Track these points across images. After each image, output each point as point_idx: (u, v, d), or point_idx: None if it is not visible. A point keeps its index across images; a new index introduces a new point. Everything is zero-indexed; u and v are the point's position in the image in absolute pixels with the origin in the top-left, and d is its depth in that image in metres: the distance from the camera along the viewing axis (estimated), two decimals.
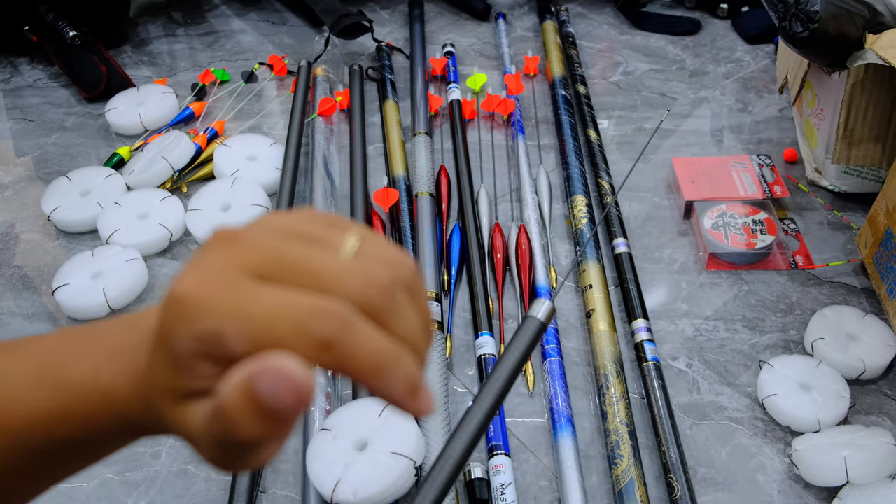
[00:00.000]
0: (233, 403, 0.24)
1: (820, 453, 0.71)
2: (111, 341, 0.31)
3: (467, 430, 0.44)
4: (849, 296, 0.90)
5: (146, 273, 0.94)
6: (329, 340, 0.25)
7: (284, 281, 0.26)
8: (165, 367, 0.26)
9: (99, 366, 0.30)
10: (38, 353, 0.32)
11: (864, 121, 0.94)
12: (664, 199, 1.04)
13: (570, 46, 1.30)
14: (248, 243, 0.26)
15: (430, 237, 0.94)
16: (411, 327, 0.28)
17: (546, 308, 0.43)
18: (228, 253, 0.26)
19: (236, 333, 0.25)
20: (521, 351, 0.44)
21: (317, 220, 0.29)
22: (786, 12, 0.88)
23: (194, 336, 0.25)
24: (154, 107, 1.18)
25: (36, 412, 0.30)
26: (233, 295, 0.25)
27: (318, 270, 0.26)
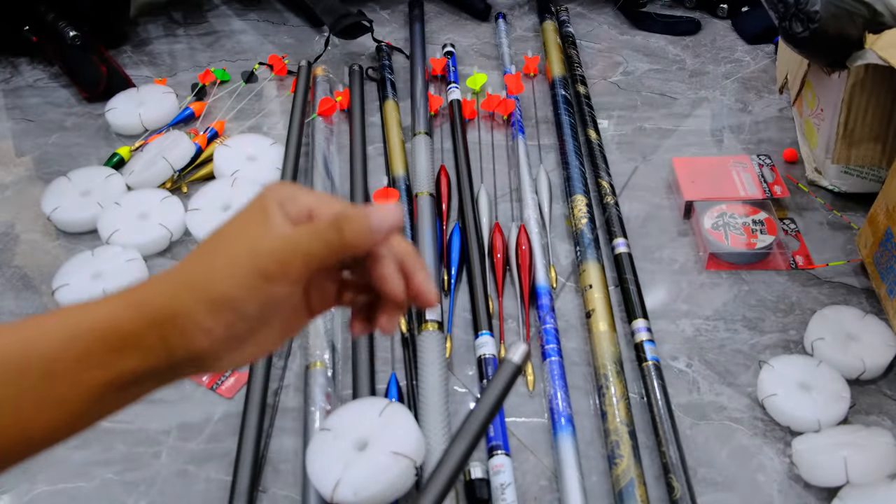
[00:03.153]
0: (352, 214, 0.37)
1: (820, 453, 0.71)
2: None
3: (445, 470, 0.46)
4: (849, 296, 0.90)
5: (146, 273, 0.94)
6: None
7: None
8: (260, 208, 0.39)
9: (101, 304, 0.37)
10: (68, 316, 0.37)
11: (864, 121, 0.94)
12: (664, 199, 1.04)
13: (570, 46, 1.30)
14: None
15: (430, 237, 0.94)
16: None
17: (521, 351, 0.48)
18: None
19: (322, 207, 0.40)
20: (498, 393, 0.48)
21: None
22: (786, 12, 0.88)
23: (301, 202, 0.39)
24: (154, 107, 1.18)
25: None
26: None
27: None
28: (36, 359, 0.35)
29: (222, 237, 0.39)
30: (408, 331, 0.86)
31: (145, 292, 0.37)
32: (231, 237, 0.39)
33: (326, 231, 0.37)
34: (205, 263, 0.38)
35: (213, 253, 0.38)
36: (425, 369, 0.80)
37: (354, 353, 0.82)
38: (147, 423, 0.80)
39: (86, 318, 0.36)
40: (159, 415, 0.80)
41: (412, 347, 0.84)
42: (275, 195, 0.39)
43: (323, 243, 0.37)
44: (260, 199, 0.40)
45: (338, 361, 0.84)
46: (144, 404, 0.85)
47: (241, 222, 0.39)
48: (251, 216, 0.39)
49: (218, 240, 0.39)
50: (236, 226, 0.39)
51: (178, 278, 0.38)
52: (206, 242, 0.39)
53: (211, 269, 0.37)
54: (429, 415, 0.75)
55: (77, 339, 0.35)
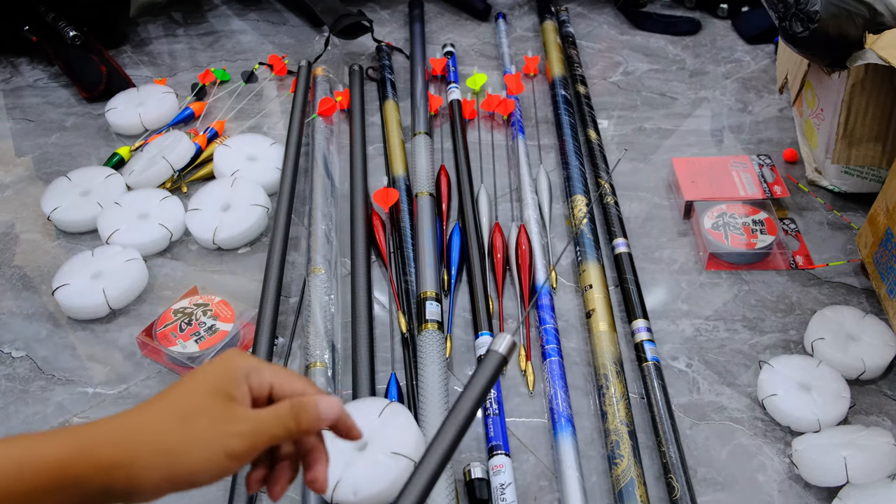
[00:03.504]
0: (307, 404, 0.44)
1: (820, 453, 0.71)
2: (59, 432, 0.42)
3: (431, 461, 0.46)
4: (849, 296, 0.90)
5: (146, 273, 0.94)
6: None
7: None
8: (222, 378, 0.43)
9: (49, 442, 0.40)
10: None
11: (864, 121, 0.94)
12: (664, 199, 1.04)
13: (570, 46, 1.30)
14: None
15: (430, 237, 0.94)
16: None
17: (507, 342, 0.49)
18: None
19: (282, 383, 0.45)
20: (483, 384, 0.48)
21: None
22: (786, 12, 0.88)
23: (263, 377, 0.45)
24: (154, 107, 1.18)
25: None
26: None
27: None
28: (10, 491, 0.38)
29: (188, 405, 0.42)
30: (408, 331, 0.86)
31: (94, 437, 0.40)
32: (200, 411, 0.42)
33: (286, 418, 0.43)
34: (172, 434, 0.41)
35: (181, 423, 0.41)
36: (425, 369, 0.80)
37: (354, 353, 0.82)
38: None
39: (34, 454, 0.39)
40: None
41: (412, 347, 0.84)
42: (243, 367, 0.44)
43: (283, 429, 0.43)
44: (229, 370, 0.44)
45: (338, 361, 0.84)
46: None
47: (209, 394, 0.42)
48: (220, 389, 0.43)
49: (183, 405, 0.42)
50: (203, 395, 0.42)
51: (134, 436, 0.40)
52: (168, 401, 0.42)
53: (179, 444, 0.41)
54: (429, 415, 0.75)
55: (26, 477, 0.38)
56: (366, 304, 0.87)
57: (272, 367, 0.45)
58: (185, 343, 0.84)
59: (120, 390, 0.83)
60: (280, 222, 0.95)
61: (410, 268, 0.92)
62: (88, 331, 0.90)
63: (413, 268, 0.92)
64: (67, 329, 0.90)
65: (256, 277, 0.94)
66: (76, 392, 0.83)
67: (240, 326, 0.87)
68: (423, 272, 0.90)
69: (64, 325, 0.90)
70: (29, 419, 0.81)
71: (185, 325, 0.86)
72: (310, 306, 0.87)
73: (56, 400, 0.82)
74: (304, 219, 1.01)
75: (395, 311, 0.89)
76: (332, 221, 0.99)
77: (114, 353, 0.87)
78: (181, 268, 0.97)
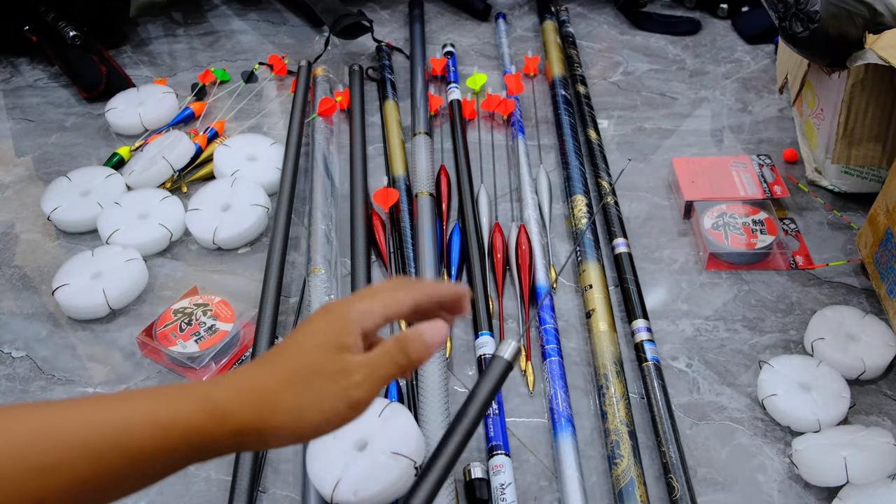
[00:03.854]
0: (411, 335, 0.46)
1: (820, 453, 0.71)
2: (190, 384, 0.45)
3: (437, 469, 0.47)
4: (849, 296, 0.90)
5: (146, 273, 0.94)
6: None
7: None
8: (332, 332, 0.44)
9: (193, 385, 0.44)
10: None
11: (864, 121, 0.94)
12: (664, 199, 1.04)
13: (570, 46, 1.30)
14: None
15: (430, 237, 0.94)
16: None
17: (512, 348, 0.50)
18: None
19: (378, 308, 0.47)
20: (489, 389, 0.48)
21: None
22: (786, 12, 0.88)
23: (361, 310, 0.46)
24: (154, 107, 1.18)
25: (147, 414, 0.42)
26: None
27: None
28: (128, 448, 0.40)
29: (306, 363, 0.44)
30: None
31: (226, 405, 0.42)
32: (317, 368, 0.44)
33: (396, 355, 0.45)
34: (296, 394, 0.43)
35: (304, 383, 0.43)
36: (425, 369, 0.80)
37: None
38: None
39: (170, 415, 0.41)
40: None
41: None
42: (354, 315, 0.45)
43: (396, 366, 0.45)
44: (339, 321, 0.45)
45: None
46: None
47: (322, 349, 0.44)
48: (332, 342, 0.44)
49: (301, 364, 0.44)
50: (317, 352, 0.44)
51: (264, 398, 0.43)
52: (287, 361, 0.44)
53: (303, 404, 0.43)
54: (429, 415, 0.75)
55: (163, 435, 0.41)
56: None
57: (382, 298, 0.47)
58: (185, 343, 0.84)
59: (120, 390, 0.83)
60: (280, 222, 0.95)
61: (410, 268, 0.92)
62: (88, 331, 0.90)
63: (413, 268, 0.92)
64: (67, 329, 0.90)
65: (256, 277, 0.94)
66: (76, 392, 0.83)
67: (240, 326, 0.87)
68: (423, 272, 0.90)
69: (64, 325, 0.90)
70: None
71: (185, 325, 0.86)
72: (310, 306, 0.87)
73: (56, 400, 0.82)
74: (304, 219, 1.01)
75: None
76: (332, 221, 0.99)
77: (114, 353, 0.87)
78: (181, 268, 0.97)
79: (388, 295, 0.47)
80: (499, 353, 0.50)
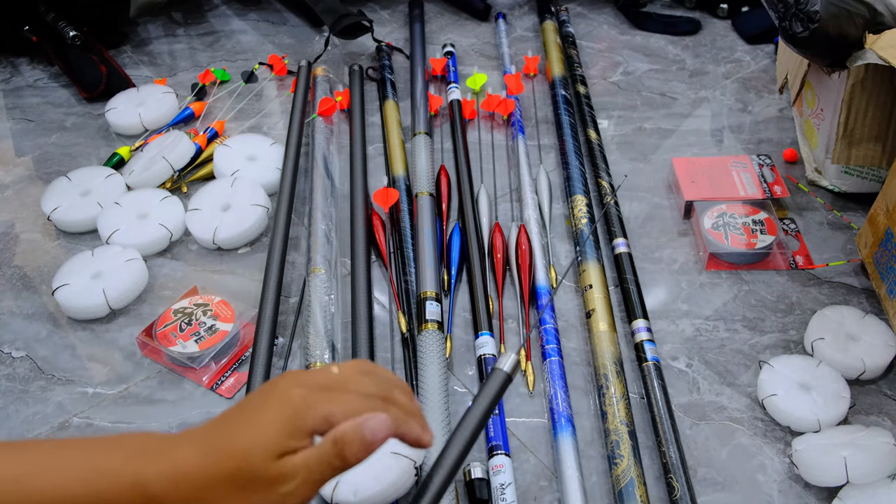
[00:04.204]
0: (349, 434, 0.42)
1: (820, 453, 0.71)
2: (133, 442, 0.44)
3: (437, 480, 0.47)
4: (849, 296, 0.90)
5: (146, 273, 0.94)
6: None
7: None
8: (279, 435, 0.42)
9: (128, 458, 0.42)
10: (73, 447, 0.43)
11: (864, 121, 0.94)
12: (664, 199, 1.04)
13: (570, 46, 1.30)
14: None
15: (430, 237, 0.94)
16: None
17: (511, 361, 0.50)
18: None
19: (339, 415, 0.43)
20: (489, 401, 0.48)
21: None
22: (786, 12, 0.88)
23: (318, 416, 0.42)
24: (154, 107, 1.18)
25: (69, 496, 0.41)
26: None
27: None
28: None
29: (248, 459, 0.42)
30: (408, 331, 0.86)
31: (157, 492, 0.41)
32: (257, 471, 0.42)
33: (333, 460, 0.42)
34: (228, 496, 0.42)
35: (237, 484, 0.42)
36: (425, 369, 0.80)
37: (354, 354, 0.82)
38: (147, 423, 0.80)
39: (93, 496, 0.41)
40: (159, 415, 0.80)
41: (412, 347, 0.84)
42: (314, 419, 0.43)
43: (331, 470, 0.42)
44: (298, 419, 0.42)
45: (338, 361, 0.84)
46: (145, 404, 0.86)
47: (264, 460, 0.42)
48: (277, 448, 0.42)
49: (242, 459, 0.42)
50: (259, 461, 0.42)
51: (197, 493, 0.42)
52: (231, 442, 0.42)
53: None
54: (429, 415, 0.75)
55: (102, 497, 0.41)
56: (366, 304, 0.87)
57: (345, 403, 0.43)
58: (185, 343, 0.84)
59: (120, 390, 0.83)
60: (280, 222, 0.95)
61: (410, 268, 0.92)
62: (88, 331, 0.90)
63: (413, 268, 0.92)
64: (67, 329, 0.90)
65: (256, 277, 0.94)
66: (76, 392, 0.83)
67: (240, 326, 0.87)
68: (423, 272, 0.90)
69: (64, 325, 0.90)
70: (29, 419, 0.81)
71: (185, 325, 0.86)
72: (310, 306, 0.87)
73: (56, 400, 0.82)
74: (304, 219, 1.01)
75: (395, 311, 0.89)
76: (332, 221, 0.99)
77: (114, 353, 0.87)
78: (181, 268, 0.97)
79: (355, 404, 0.43)
80: (498, 365, 0.50)
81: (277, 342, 0.86)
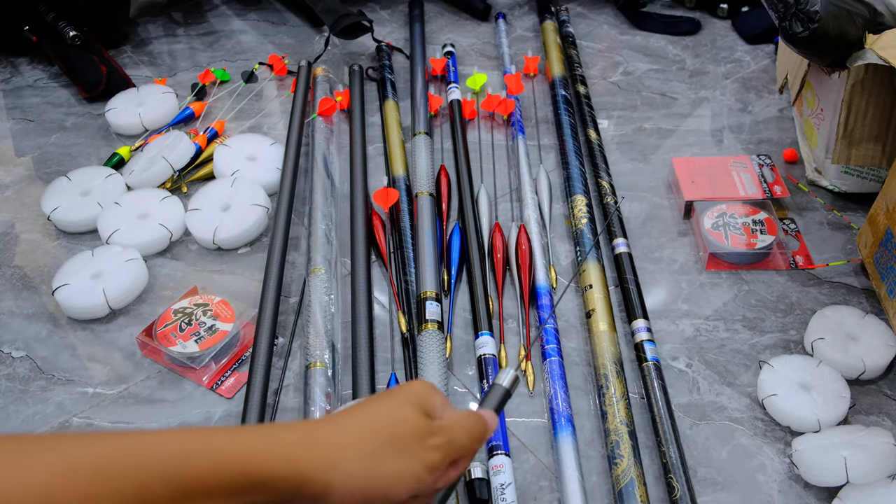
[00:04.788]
0: (489, 419, 0.47)
1: (820, 453, 0.71)
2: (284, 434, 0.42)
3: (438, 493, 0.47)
4: (849, 296, 0.90)
5: (146, 273, 0.94)
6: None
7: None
8: (428, 397, 0.45)
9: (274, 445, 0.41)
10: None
11: (864, 121, 0.94)
12: (664, 199, 1.04)
13: (570, 46, 1.30)
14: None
15: (430, 237, 0.94)
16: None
17: (510, 376, 0.50)
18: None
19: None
20: None
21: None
22: (786, 12, 0.88)
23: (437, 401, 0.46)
24: (154, 107, 1.18)
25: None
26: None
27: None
28: (182, 479, 0.37)
29: (395, 416, 0.43)
30: (408, 331, 0.86)
31: (294, 447, 0.40)
32: (405, 421, 0.43)
33: (474, 429, 0.45)
34: (377, 442, 0.41)
35: (387, 432, 0.42)
36: (425, 369, 0.80)
37: (354, 353, 0.82)
38: (147, 423, 0.80)
39: (230, 448, 0.38)
40: (160, 414, 0.80)
41: (412, 347, 0.84)
42: (439, 393, 0.46)
43: (472, 441, 0.45)
44: (430, 391, 0.45)
45: (338, 361, 0.84)
46: (145, 404, 0.86)
47: (414, 407, 0.43)
48: (423, 405, 0.44)
49: (390, 416, 0.43)
50: (409, 408, 0.43)
51: (337, 441, 0.41)
52: (372, 413, 0.43)
53: (383, 453, 0.41)
54: None
55: (220, 468, 0.38)
56: (366, 304, 0.87)
57: (452, 407, 0.46)
58: (185, 343, 0.84)
59: (120, 390, 0.83)
60: (280, 222, 0.95)
61: (410, 268, 0.92)
62: (88, 331, 0.90)
63: (413, 268, 0.92)
64: (67, 329, 0.90)
65: (256, 277, 0.94)
66: (76, 392, 0.83)
67: (240, 326, 0.87)
68: (423, 272, 0.90)
69: (64, 325, 0.90)
70: (29, 419, 0.81)
71: (185, 325, 0.86)
72: (310, 306, 0.87)
73: (56, 400, 0.82)
74: (304, 219, 1.01)
75: (395, 311, 0.89)
76: (332, 221, 0.99)
77: (114, 353, 0.87)
78: (181, 268, 0.97)
79: (458, 432, 0.45)
80: (497, 381, 0.51)
81: (277, 342, 0.86)
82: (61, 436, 0.38)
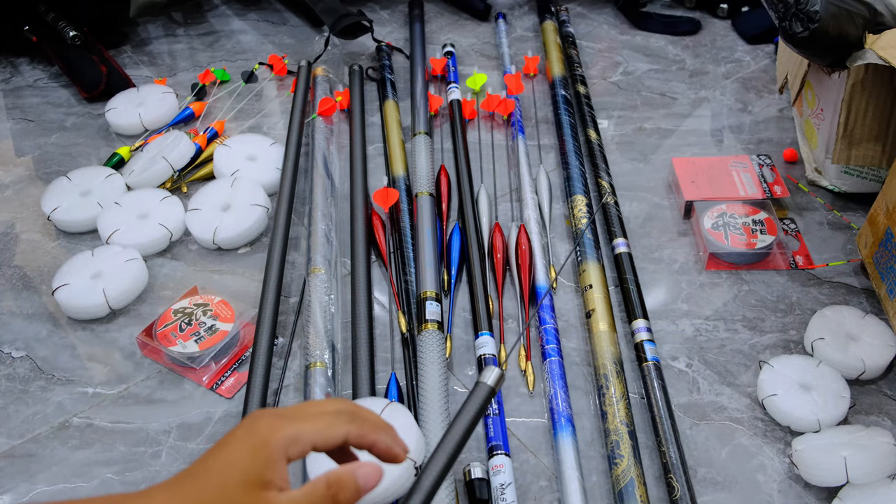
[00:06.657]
0: (344, 478, 0.42)
1: (820, 453, 0.71)
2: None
3: (422, 489, 0.47)
4: (849, 296, 0.90)
5: (146, 273, 0.94)
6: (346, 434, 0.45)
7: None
8: (251, 463, 0.41)
9: None
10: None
11: (864, 121, 0.94)
12: (664, 199, 1.04)
13: (570, 46, 1.30)
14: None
15: (430, 237, 0.94)
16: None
17: (495, 375, 0.51)
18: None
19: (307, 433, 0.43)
20: (472, 415, 0.50)
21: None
22: (786, 12, 0.88)
23: (286, 437, 0.42)
24: (154, 107, 1.18)
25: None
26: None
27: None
28: None
29: (224, 497, 0.40)
30: (408, 331, 0.86)
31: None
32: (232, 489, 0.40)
33: (323, 499, 0.42)
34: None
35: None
36: (425, 369, 0.80)
37: (354, 353, 0.82)
38: (147, 423, 0.80)
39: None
40: (159, 415, 0.80)
41: (412, 347, 0.84)
42: (280, 443, 0.41)
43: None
44: (264, 451, 0.41)
45: (338, 361, 0.84)
46: (145, 404, 0.86)
47: (241, 486, 0.40)
48: (254, 478, 0.40)
49: (218, 498, 0.40)
50: (234, 489, 0.40)
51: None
52: (203, 490, 0.40)
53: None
54: (429, 415, 0.75)
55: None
56: (366, 304, 0.87)
57: (314, 424, 0.43)
58: (185, 343, 0.84)
59: (120, 390, 0.83)
60: (280, 222, 0.95)
61: (410, 268, 0.92)
62: (88, 331, 0.90)
63: (413, 268, 0.92)
64: (67, 329, 0.90)
65: (256, 277, 0.94)
66: (76, 392, 0.83)
67: (240, 326, 0.87)
68: (423, 272, 0.90)
69: (64, 325, 0.90)
70: (29, 419, 0.81)
71: (185, 325, 0.86)
72: (310, 306, 0.87)
73: (56, 400, 0.82)
74: (304, 219, 1.01)
75: (395, 311, 0.89)
76: (332, 221, 0.99)
77: (114, 353, 0.87)
78: (181, 268, 0.97)
79: (321, 421, 0.43)
80: (482, 379, 0.51)
81: (277, 342, 0.86)
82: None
